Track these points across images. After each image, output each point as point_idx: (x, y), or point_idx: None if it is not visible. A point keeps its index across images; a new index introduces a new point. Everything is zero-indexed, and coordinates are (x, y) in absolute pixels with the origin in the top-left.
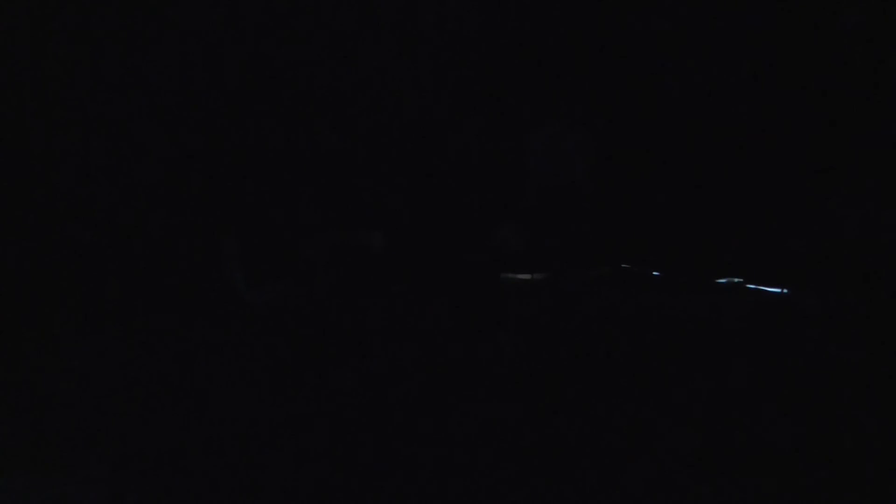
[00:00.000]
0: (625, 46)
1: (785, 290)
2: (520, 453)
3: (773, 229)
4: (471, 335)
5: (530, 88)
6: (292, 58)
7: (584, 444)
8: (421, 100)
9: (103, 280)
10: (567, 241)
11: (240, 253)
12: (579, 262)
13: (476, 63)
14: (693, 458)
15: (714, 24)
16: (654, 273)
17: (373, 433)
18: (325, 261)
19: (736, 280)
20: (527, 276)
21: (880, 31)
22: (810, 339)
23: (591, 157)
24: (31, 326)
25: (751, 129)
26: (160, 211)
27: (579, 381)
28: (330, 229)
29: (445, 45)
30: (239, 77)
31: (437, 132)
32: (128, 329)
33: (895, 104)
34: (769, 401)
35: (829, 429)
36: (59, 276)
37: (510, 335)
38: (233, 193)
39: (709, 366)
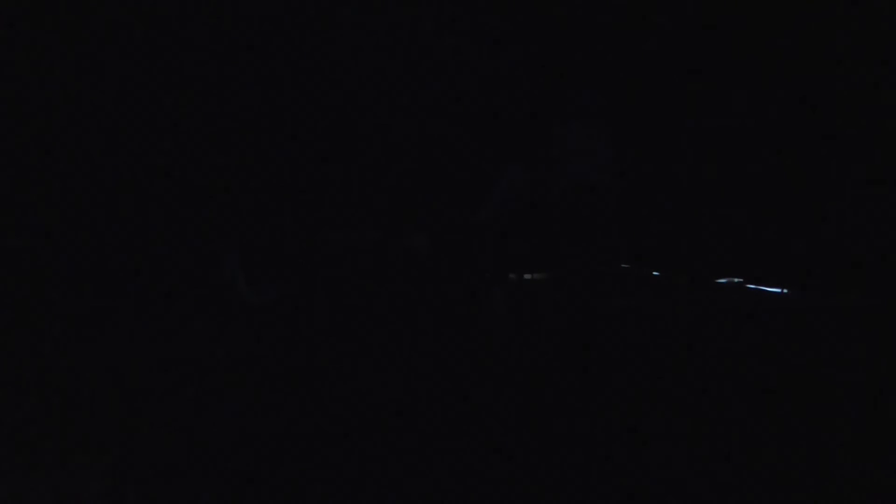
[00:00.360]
0: (625, 47)
1: (785, 290)
2: (515, 453)
3: (773, 229)
4: (470, 333)
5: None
6: (297, 53)
7: (581, 442)
8: (432, 99)
9: (103, 280)
10: (570, 240)
11: (240, 253)
12: (582, 260)
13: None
14: (691, 456)
15: (715, 26)
16: (655, 272)
17: (371, 433)
18: (335, 261)
19: (736, 280)
20: (527, 276)
21: (880, 33)
22: (809, 338)
23: (600, 157)
24: (32, 326)
25: (751, 130)
26: (161, 211)
27: (578, 379)
28: (332, 228)
29: (458, 44)
30: (241, 75)
31: (444, 129)
32: (128, 328)
33: (895, 105)
34: (768, 400)
35: (829, 428)
36: (59, 276)
37: (507, 331)
38: (233, 193)
39: (707, 364)
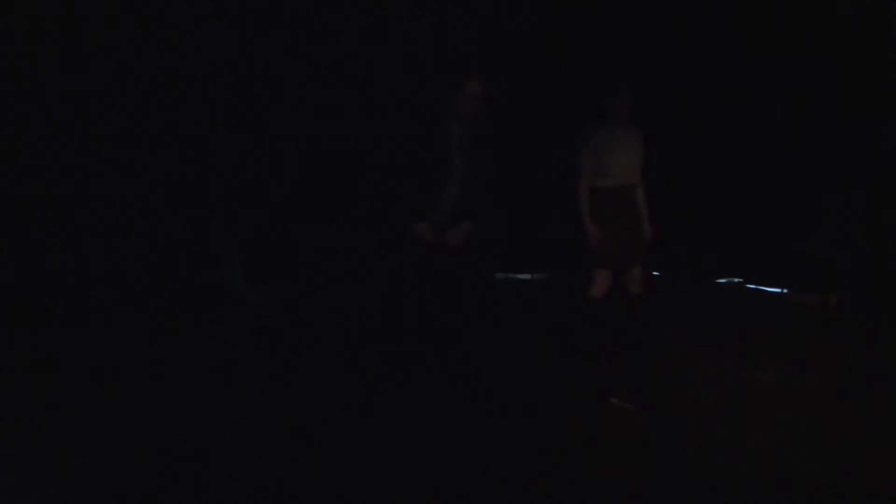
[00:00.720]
0: (623, 48)
1: (785, 290)
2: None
3: (774, 229)
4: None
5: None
6: (295, 53)
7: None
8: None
9: (103, 279)
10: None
11: (240, 253)
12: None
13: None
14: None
15: (714, 24)
16: (655, 272)
17: (367, 434)
18: (325, 258)
19: (736, 280)
20: (526, 276)
21: (882, 33)
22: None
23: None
24: (32, 324)
25: (752, 129)
26: (160, 210)
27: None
28: (329, 227)
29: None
30: (240, 74)
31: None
32: (127, 328)
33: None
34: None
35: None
36: (59, 275)
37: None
38: (233, 193)
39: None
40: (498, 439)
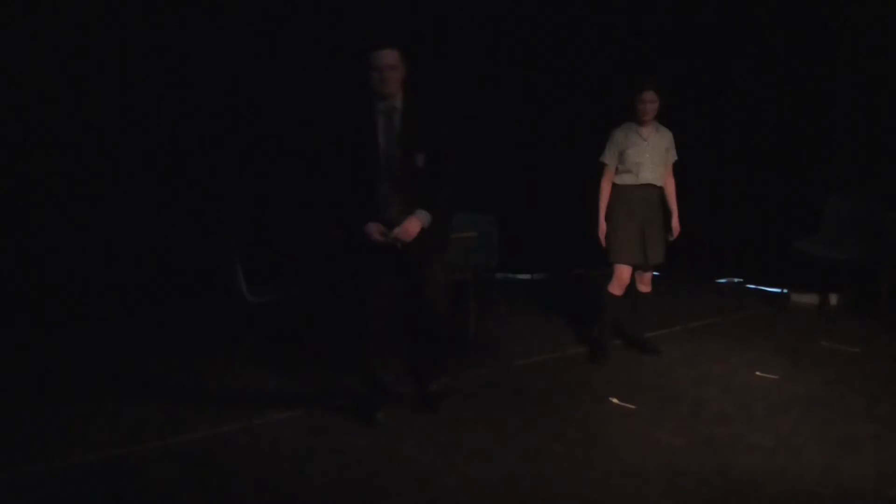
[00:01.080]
0: (623, 47)
1: (785, 290)
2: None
3: (774, 229)
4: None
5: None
6: (294, 53)
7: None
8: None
9: (102, 279)
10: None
11: (240, 253)
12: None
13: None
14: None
15: (716, 24)
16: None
17: (368, 433)
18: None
19: (736, 280)
20: (526, 276)
21: (883, 33)
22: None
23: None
24: (31, 324)
25: (752, 129)
26: (159, 210)
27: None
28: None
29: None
30: (239, 73)
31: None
32: (127, 327)
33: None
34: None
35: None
36: (61, 274)
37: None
38: (233, 192)
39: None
40: (498, 438)
